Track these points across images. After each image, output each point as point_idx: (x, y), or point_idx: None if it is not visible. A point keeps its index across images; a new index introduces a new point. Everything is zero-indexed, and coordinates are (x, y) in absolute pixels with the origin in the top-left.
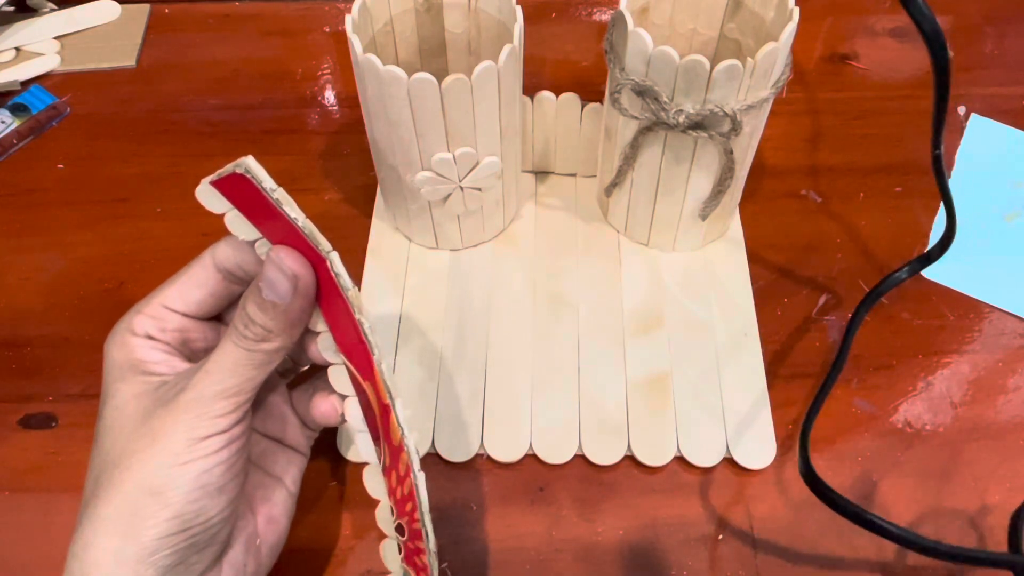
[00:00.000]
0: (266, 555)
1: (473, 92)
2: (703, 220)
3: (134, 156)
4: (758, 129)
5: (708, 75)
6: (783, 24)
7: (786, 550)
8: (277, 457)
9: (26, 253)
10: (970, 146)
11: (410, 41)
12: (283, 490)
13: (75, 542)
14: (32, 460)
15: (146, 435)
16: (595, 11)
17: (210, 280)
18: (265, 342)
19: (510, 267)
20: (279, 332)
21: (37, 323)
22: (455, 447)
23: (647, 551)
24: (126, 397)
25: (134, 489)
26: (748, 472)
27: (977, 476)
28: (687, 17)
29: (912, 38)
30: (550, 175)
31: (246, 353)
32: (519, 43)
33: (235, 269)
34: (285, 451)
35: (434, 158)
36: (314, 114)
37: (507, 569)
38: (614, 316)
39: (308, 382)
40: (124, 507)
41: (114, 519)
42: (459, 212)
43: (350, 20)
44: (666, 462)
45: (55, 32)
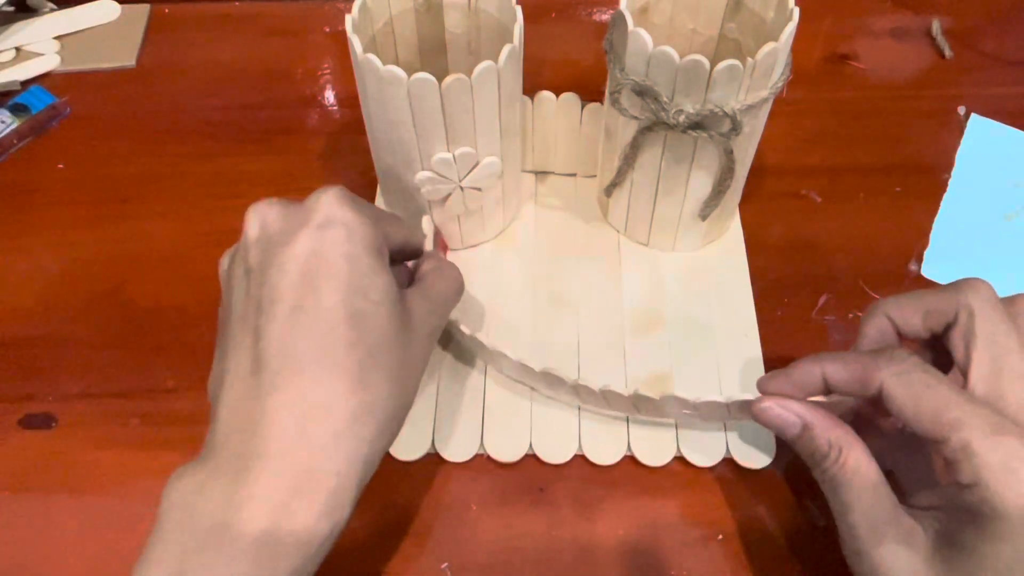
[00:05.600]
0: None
1: (473, 92)
2: (703, 220)
3: (134, 156)
4: (758, 129)
5: (708, 75)
6: (783, 24)
7: (786, 551)
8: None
9: (26, 253)
10: (970, 146)
11: (410, 41)
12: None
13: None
14: (32, 460)
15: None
16: (595, 11)
17: (405, 238)
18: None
19: (510, 267)
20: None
21: (37, 323)
22: (455, 447)
23: (647, 551)
24: (382, 289)
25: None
26: (748, 472)
27: None
28: (687, 17)
29: (912, 38)
30: (550, 175)
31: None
32: (519, 43)
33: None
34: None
35: (434, 158)
36: (314, 114)
37: (507, 569)
38: (614, 316)
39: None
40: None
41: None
42: (459, 212)
43: (350, 20)
44: (666, 462)
45: (55, 32)
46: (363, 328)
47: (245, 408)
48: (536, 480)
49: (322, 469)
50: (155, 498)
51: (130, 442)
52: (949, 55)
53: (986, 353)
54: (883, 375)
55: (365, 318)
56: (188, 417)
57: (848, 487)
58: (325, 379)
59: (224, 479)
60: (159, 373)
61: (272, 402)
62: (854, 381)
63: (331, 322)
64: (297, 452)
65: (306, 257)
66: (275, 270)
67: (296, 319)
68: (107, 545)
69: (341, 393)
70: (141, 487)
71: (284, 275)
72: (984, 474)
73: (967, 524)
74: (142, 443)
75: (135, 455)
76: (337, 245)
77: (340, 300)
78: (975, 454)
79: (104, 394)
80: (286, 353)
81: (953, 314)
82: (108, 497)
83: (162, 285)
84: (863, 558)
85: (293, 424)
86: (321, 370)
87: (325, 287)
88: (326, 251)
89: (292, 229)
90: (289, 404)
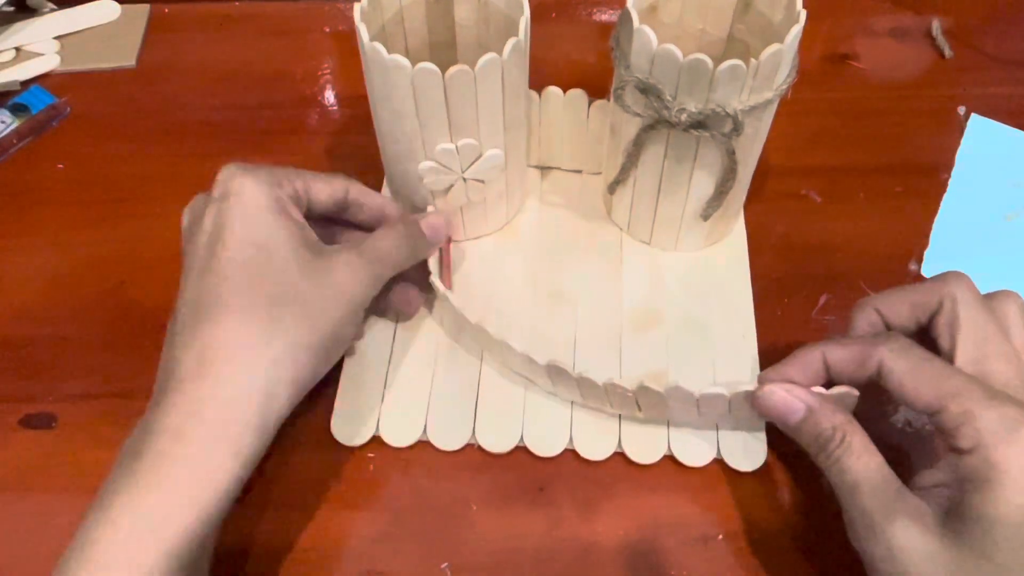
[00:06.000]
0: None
1: (476, 84)
2: (706, 220)
3: (134, 156)
4: (761, 131)
5: (711, 74)
6: (791, 26)
7: (785, 551)
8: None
9: (26, 253)
10: (970, 146)
11: (420, 33)
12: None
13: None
14: (32, 460)
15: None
16: (595, 11)
17: (337, 194)
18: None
19: (511, 260)
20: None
21: (37, 323)
22: (447, 436)
23: (647, 551)
24: (279, 237)
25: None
26: (747, 473)
27: None
28: (696, 17)
29: (912, 38)
30: (555, 170)
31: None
32: (524, 37)
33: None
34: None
35: (437, 148)
36: (314, 114)
37: (507, 569)
38: (613, 314)
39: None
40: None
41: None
42: (461, 203)
43: (359, 8)
44: (656, 460)
45: (55, 32)
46: (257, 274)
47: (165, 359)
48: (536, 480)
49: (215, 397)
50: None
51: None
52: (949, 55)
53: (970, 337)
54: (882, 353)
55: (260, 265)
56: None
57: (855, 468)
58: (223, 321)
59: (145, 416)
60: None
61: (178, 348)
62: (854, 362)
63: (225, 273)
64: (195, 385)
65: (211, 229)
66: (190, 247)
67: (201, 278)
68: None
69: (233, 330)
70: None
71: (196, 248)
72: (985, 436)
73: (972, 492)
74: None
75: None
76: (231, 210)
77: (233, 254)
78: (975, 419)
79: (104, 394)
80: (192, 306)
81: (937, 303)
82: None
83: (162, 285)
84: (877, 536)
85: (192, 361)
86: (219, 314)
87: (222, 247)
88: (223, 218)
89: (203, 210)
90: (189, 345)
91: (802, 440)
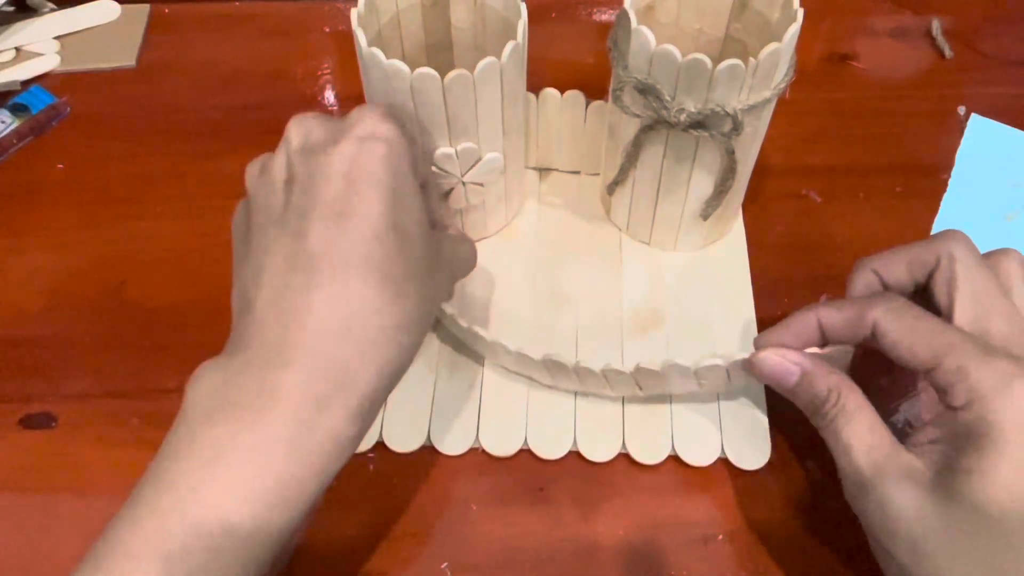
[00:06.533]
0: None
1: (476, 88)
2: (705, 220)
3: (134, 156)
4: (760, 130)
5: (710, 74)
6: (788, 24)
7: (785, 551)
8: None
9: (26, 253)
10: (970, 146)
11: (416, 36)
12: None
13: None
14: (32, 460)
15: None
16: (595, 11)
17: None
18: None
19: (511, 262)
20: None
21: (37, 323)
22: (451, 440)
23: (647, 551)
24: (418, 205)
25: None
26: (747, 474)
27: None
28: (693, 17)
29: (912, 38)
30: (553, 172)
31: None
32: (523, 39)
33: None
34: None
35: (436, 152)
36: None
37: (507, 569)
38: (614, 314)
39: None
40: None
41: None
42: (461, 207)
43: (355, 13)
44: (660, 460)
45: (55, 32)
46: (404, 242)
47: (286, 301)
48: (536, 479)
49: (360, 370)
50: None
51: (130, 442)
52: (949, 55)
53: (968, 294)
54: (876, 313)
55: (406, 232)
56: None
57: (849, 427)
58: (372, 283)
59: (258, 370)
60: (159, 373)
61: (317, 296)
62: (848, 324)
63: (375, 229)
64: (338, 349)
65: (350, 165)
66: (320, 176)
67: (341, 223)
68: None
69: (386, 299)
70: None
71: (328, 181)
72: (979, 392)
73: (965, 448)
74: (142, 443)
75: (135, 455)
76: (380, 157)
77: (383, 210)
78: (969, 374)
79: (104, 394)
80: (332, 253)
81: (935, 261)
82: (108, 497)
83: (162, 285)
84: (868, 494)
85: (337, 321)
86: (367, 273)
87: (369, 194)
88: (369, 161)
89: (334, 139)
90: (334, 299)
91: (799, 402)
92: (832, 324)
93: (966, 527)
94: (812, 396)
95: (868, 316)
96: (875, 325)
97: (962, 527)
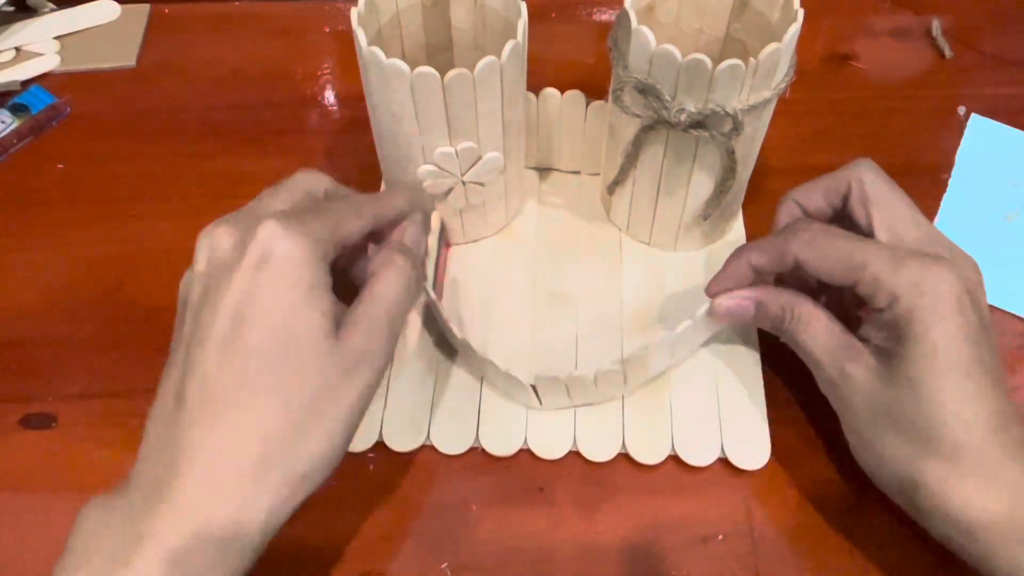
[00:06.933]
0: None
1: (476, 87)
2: (705, 220)
3: (134, 156)
4: (760, 130)
5: (710, 74)
6: (788, 25)
7: (785, 551)
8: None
9: (26, 253)
10: (970, 146)
11: (416, 36)
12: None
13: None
14: (32, 460)
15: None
16: (595, 11)
17: (379, 223)
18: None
19: (511, 263)
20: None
21: (37, 323)
22: (450, 439)
23: (647, 551)
24: (312, 324)
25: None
26: (747, 473)
27: None
28: (693, 17)
29: (912, 38)
30: (553, 172)
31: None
32: (523, 39)
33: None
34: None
35: (436, 152)
36: (314, 114)
37: (507, 569)
38: (613, 314)
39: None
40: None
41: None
42: (461, 207)
43: (356, 13)
44: (660, 460)
45: (55, 32)
46: (287, 366)
47: (164, 440)
48: (536, 480)
49: (222, 516)
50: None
51: (130, 442)
52: (949, 55)
53: (881, 209)
54: (794, 247)
55: (290, 355)
56: None
57: (805, 333)
58: (242, 419)
59: (130, 513)
60: (159, 373)
61: (188, 438)
62: (774, 262)
63: (254, 360)
64: (201, 494)
65: (239, 299)
66: (208, 310)
67: (222, 357)
68: None
69: (254, 433)
70: None
71: (216, 316)
72: (895, 294)
73: (895, 337)
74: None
75: (135, 455)
76: (268, 286)
77: (265, 339)
78: (883, 282)
79: (104, 394)
80: (208, 389)
81: (847, 186)
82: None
83: (162, 285)
84: (831, 382)
85: (202, 463)
86: (239, 409)
87: (251, 328)
88: (258, 293)
89: (231, 265)
90: (201, 441)
91: (765, 327)
92: (761, 264)
93: (904, 399)
94: (771, 318)
95: (788, 252)
96: (796, 258)
97: (901, 399)
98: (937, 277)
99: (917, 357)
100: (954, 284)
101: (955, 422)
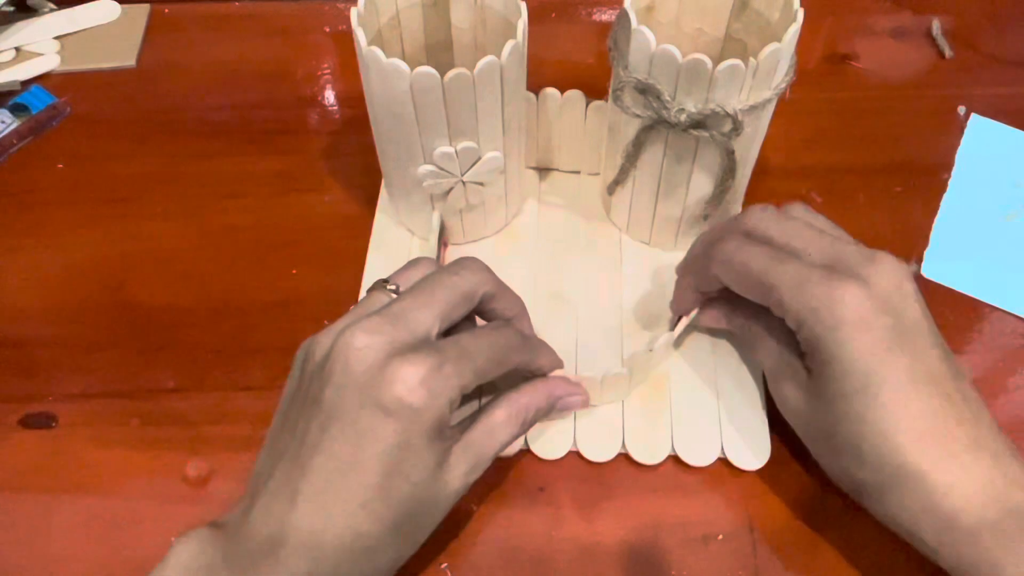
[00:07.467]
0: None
1: (475, 87)
2: (705, 220)
3: (134, 156)
4: (760, 130)
5: (710, 74)
6: (788, 25)
7: (786, 551)
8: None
9: (26, 253)
10: (970, 146)
11: (416, 36)
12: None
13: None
14: (32, 460)
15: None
16: (595, 11)
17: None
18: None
19: (511, 263)
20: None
21: (37, 323)
22: None
23: (647, 551)
24: (425, 466)
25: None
26: (747, 473)
27: None
28: (693, 17)
29: (912, 38)
30: (553, 172)
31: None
32: (523, 39)
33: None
34: None
35: (436, 152)
36: (314, 114)
37: (507, 569)
38: (613, 315)
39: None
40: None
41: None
42: (461, 206)
43: (355, 13)
44: (660, 460)
45: (55, 32)
46: (392, 504)
47: (273, 522)
48: (536, 480)
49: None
50: (155, 497)
51: (130, 442)
52: (949, 55)
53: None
54: (713, 269)
55: (397, 496)
56: (188, 417)
57: (757, 352)
58: (344, 540)
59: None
60: (159, 373)
61: (292, 541)
62: (707, 283)
63: (365, 495)
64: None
65: (364, 430)
66: (336, 427)
67: (336, 479)
68: (107, 545)
69: (353, 558)
70: (141, 487)
71: (338, 438)
72: (799, 319)
73: (812, 358)
74: (142, 443)
75: (135, 455)
76: (394, 435)
77: (379, 480)
78: (788, 307)
79: (104, 394)
80: (319, 504)
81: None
82: (108, 497)
83: (162, 285)
84: (776, 394)
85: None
86: (342, 532)
87: (369, 464)
88: (383, 435)
89: (366, 389)
90: (303, 548)
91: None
92: (700, 286)
93: (824, 415)
94: (737, 335)
95: (713, 275)
96: (720, 281)
97: (822, 415)
98: (835, 300)
99: (828, 379)
100: (857, 304)
101: (874, 437)
